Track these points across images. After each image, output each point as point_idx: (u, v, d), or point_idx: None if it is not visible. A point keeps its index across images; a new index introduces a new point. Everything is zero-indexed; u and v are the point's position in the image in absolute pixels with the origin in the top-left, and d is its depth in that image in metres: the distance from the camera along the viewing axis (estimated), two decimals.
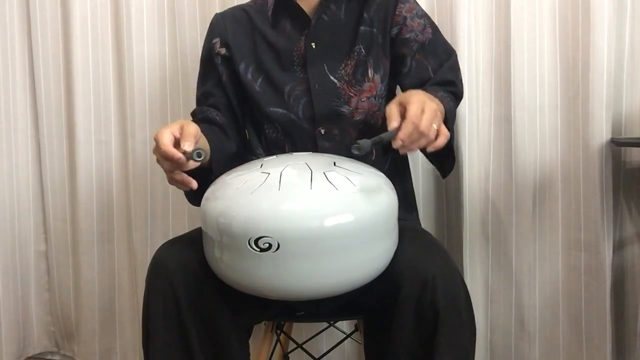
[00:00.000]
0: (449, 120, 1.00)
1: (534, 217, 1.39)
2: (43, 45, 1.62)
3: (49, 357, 1.78)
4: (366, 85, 1.13)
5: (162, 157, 0.86)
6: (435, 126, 0.86)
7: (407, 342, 0.87)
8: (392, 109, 0.88)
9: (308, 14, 1.14)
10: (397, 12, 1.14)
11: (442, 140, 0.88)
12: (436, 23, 1.39)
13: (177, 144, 0.87)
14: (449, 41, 1.35)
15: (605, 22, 1.26)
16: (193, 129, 0.89)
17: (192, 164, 0.87)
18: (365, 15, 1.14)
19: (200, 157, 0.83)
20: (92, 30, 1.58)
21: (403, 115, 0.86)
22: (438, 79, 1.12)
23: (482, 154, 1.40)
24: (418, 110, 0.85)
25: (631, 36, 1.32)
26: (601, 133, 1.29)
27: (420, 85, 1.10)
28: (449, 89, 1.11)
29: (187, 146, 0.85)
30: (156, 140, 0.87)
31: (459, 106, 1.33)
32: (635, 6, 1.31)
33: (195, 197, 1.03)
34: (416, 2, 1.18)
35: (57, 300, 1.72)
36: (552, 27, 1.35)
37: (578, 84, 1.32)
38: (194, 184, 0.89)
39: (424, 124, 0.84)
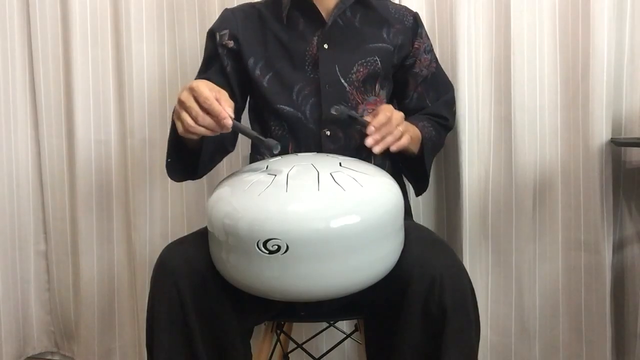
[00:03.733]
0: (425, 146, 1.13)
1: (534, 217, 1.39)
2: (43, 45, 1.62)
3: (48, 357, 1.78)
4: (372, 99, 1.17)
5: (203, 111, 0.86)
6: (400, 129, 1.02)
7: (414, 341, 0.88)
8: (368, 116, 1.04)
9: (323, 16, 1.15)
10: (415, 46, 1.22)
11: (404, 141, 1.03)
12: (436, 24, 1.41)
13: None
14: (449, 42, 1.37)
15: (605, 22, 1.26)
16: (227, 93, 0.91)
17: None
18: (384, 34, 1.18)
19: (277, 151, 0.90)
20: (91, 30, 1.58)
21: None
22: (431, 111, 1.24)
23: (482, 154, 1.40)
24: (389, 109, 1.03)
25: (631, 36, 1.32)
26: (601, 133, 1.29)
27: (417, 112, 1.24)
28: (440, 121, 1.24)
29: (229, 111, 0.87)
30: (196, 90, 0.86)
31: (459, 107, 1.35)
32: (635, 7, 1.31)
33: (176, 171, 1.07)
34: (427, 37, 1.25)
35: (57, 300, 1.72)
36: (552, 28, 1.35)
37: (578, 84, 1.32)
38: (229, 122, 0.87)
39: (394, 120, 1.01)
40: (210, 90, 0.87)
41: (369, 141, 0.97)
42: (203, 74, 1.20)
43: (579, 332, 1.38)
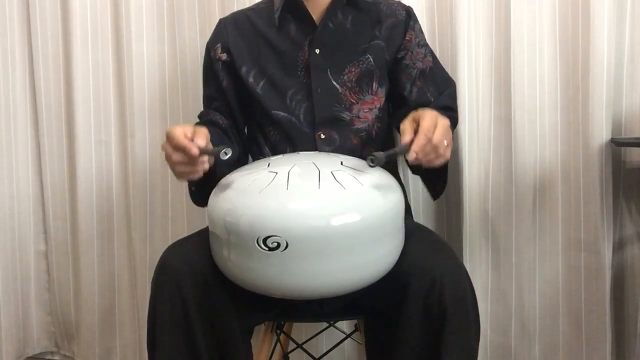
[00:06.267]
0: None
1: (534, 217, 1.39)
2: (43, 45, 1.62)
3: (49, 357, 1.78)
4: (369, 97, 1.16)
5: (175, 149, 0.88)
6: (446, 142, 0.88)
7: (414, 340, 0.88)
8: (406, 125, 0.89)
9: (314, 19, 1.15)
10: (407, 38, 1.18)
11: (447, 155, 0.90)
12: (436, 24, 1.41)
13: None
14: (449, 41, 1.37)
15: (605, 22, 1.26)
16: (204, 129, 0.92)
17: (203, 164, 0.90)
18: (377, 32, 1.16)
19: (227, 155, 0.86)
20: (92, 30, 1.58)
21: (416, 132, 0.86)
22: (437, 104, 1.15)
23: (482, 154, 1.40)
24: (431, 124, 0.86)
25: (631, 36, 1.32)
26: (601, 133, 1.29)
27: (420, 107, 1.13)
28: (447, 114, 1.12)
29: (200, 142, 0.88)
30: (168, 134, 0.89)
31: (459, 106, 1.34)
32: (635, 6, 1.31)
33: (199, 198, 1.08)
34: (421, 31, 1.22)
35: (57, 300, 1.72)
36: (552, 28, 1.35)
37: (578, 84, 1.32)
38: (205, 166, 0.89)
39: (436, 137, 0.85)
40: (183, 131, 0.89)
41: (411, 159, 0.85)
42: (206, 90, 1.24)
43: (579, 332, 1.38)
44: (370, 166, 0.83)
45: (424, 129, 0.85)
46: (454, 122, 1.18)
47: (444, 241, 1.02)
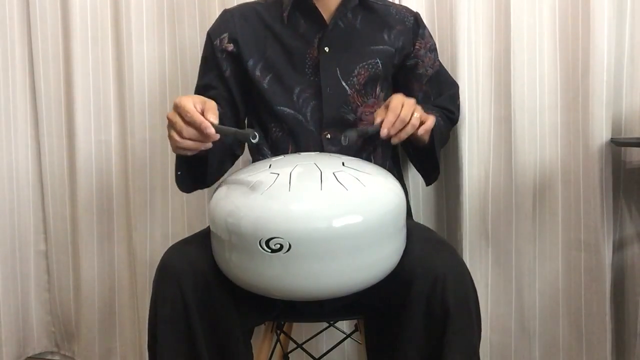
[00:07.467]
0: (435, 135, 1.08)
1: (534, 217, 1.39)
2: (43, 45, 1.62)
3: (49, 357, 1.78)
4: (371, 101, 1.16)
5: (187, 124, 0.87)
6: (417, 115, 0.99)
7: (416, 340, 0.88)
8: (378, 111, 1.01)
9: (324, 18, 1.14)
10: (417, 47, 1.21)
11: (429, 124, 1.02)
12: (436, 24, 1.41)
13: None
14: (449, 42, 1.37)
15: (605, 22, 1.27)
16: (213, 102, 0.92)
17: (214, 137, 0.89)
18: (385, 36, 1.17)
19: (256, 138, 0.86)
20: (92, 29, 1.58)
21: None
22: (436, 104, 1.22)
23: (482, 154, 1.40)
24: (398, 103, 0.98)
25: (631, 36, 1.32)
26: (601, 133, 1.29)
27: None
28: (445, 113, 1.22)
29: (213, 119, 0.87)
30: (179, 106, 0.87)
31: (459, 107, 1.34)
32: (635, 6, 1.31)
33: (186, 182, 1.07)
34: (430, 36, 1.25)
35: (57, 300, 1.72)
36: (552, 28, 1.35)
37: (578, 85, 1.32)
38: (210, 130, 0.87)
39: (403, 113, 0.97)
40: (194, 104, 0.88)
41: (383, 135, 0.96)
42: (202, 79, 1.20)
43: (579, 332, 1.38)
44: (344, 144, 0.95)
45: (392, 108, 0.98)
46: (451, 120, 1.25)
47: (445, 240, 1.02)
